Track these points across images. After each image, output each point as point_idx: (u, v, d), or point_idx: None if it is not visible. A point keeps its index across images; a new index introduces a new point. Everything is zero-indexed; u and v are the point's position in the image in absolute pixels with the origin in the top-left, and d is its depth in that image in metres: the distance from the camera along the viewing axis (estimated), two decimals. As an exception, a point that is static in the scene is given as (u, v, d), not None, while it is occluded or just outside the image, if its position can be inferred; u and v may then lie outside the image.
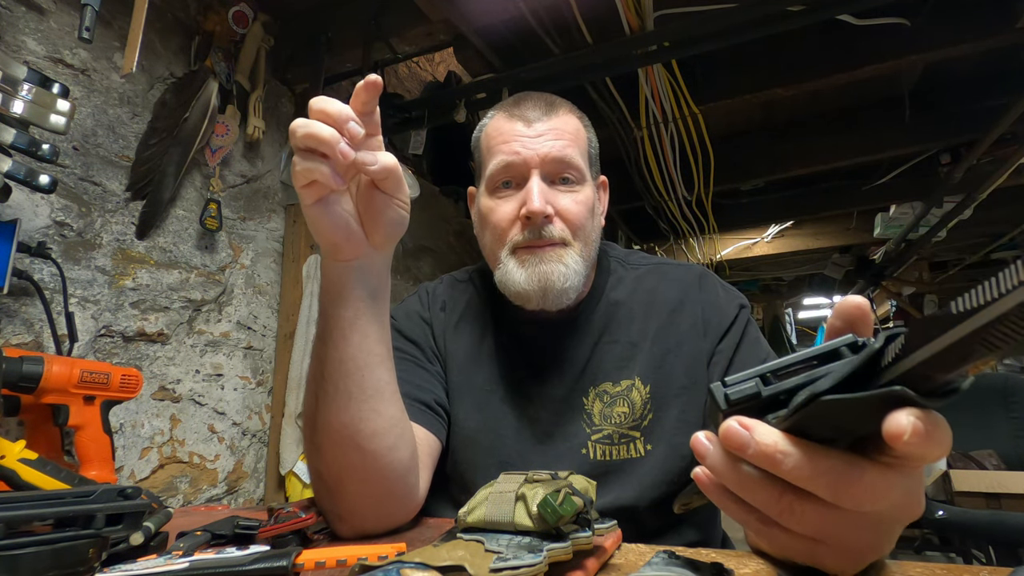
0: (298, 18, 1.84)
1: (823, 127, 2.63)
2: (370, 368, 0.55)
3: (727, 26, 1.58)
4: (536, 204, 0.68)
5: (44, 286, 1.19)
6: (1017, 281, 0.19)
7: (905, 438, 0.24)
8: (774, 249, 4.12)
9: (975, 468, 2.35)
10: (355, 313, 0.54)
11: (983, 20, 1.71)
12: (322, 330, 0.55)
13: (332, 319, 0.54)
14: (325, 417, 0.54)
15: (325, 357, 0.54)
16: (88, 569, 0.39)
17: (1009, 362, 4.91)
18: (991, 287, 0.20)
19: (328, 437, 0.55)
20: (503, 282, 0.73)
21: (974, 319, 0.21)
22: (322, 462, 0.57)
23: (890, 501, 0.28)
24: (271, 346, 1.83)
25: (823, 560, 0.31)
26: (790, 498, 0.29)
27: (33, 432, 1.03)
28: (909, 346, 0.24)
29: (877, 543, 0.31)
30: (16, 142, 1.01)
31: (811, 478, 0.28)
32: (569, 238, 0.71)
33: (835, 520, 0.29)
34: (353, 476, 0.55)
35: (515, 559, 0.35)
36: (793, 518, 0.29)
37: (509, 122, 0.73)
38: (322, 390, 0.54)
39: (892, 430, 0.24)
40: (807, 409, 0.27)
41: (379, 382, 0.56)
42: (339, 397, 0.54)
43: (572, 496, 0.42)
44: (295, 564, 0.37)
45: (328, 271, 0.54)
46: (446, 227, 2.97)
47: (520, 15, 1.72)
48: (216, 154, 1.60)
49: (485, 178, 0.75)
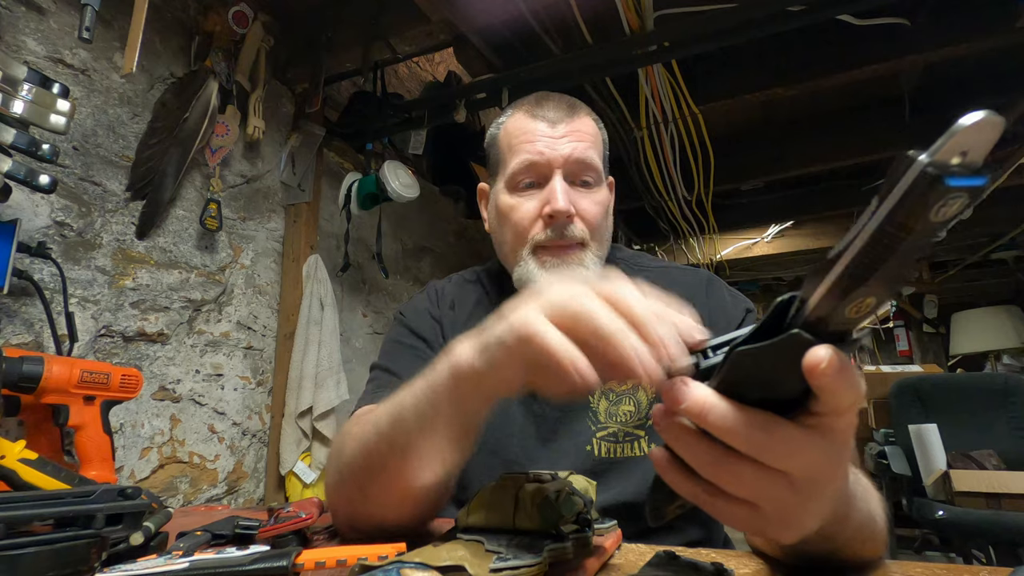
0: (298, 18, 1.84)
1: (823, 127, 2.63)
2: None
3: (727, 26, 1.58)
4: (561, 204, 0.69)
5: (44, 286, 1.19)
6: (868, 217, 0.22)
7: (822, 367, 0.26)
8: (774, 249, 4.12)
9: (975, 468, 2.35)
10: (452, 442, 0.47)
11: (983, 20, 1.71)
12: (419, 420, 0.47)
13: (435, 434, 0.46)
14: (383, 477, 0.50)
15: (405, 441, 0.48)
16: (88, 569, 0.39)
17: (1009, 362, 4.90)
18: (853, 229, 0.23)
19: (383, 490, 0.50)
20: (523, 281, 0.74)
21: (843, 259, 0.24)
22: (370, 491, 0.52)
23: (808, 460, 0.30)
24: (271, 346, 1.83)
25: (761, 526, 0.33)
26: (729, 460, 0.31)
27: (33, 432, 1.03)
28: (804, 296, 0.27)
29: (806, 507, 0.32)
30: (16, 142, 1.01)
31: (732, 430, 0.30)
32: (588, 239, 0.73)
33: (767, 482, 0.30)
34: (395, 518, 0.52)
35: (515, 559, 0.35)
36: (731, 480, 0.31)
37: (532, 121, 0.74)
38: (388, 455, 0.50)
39: (811, 360, 0.26)
40: (729, 361, 0.30)
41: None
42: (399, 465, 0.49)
43: (572, 496, 0.42)
44: (295, 564, 0.37)
45: (472, 397, 0.44)
46: (446, 227, 2.97)
47: (520, 15, 1.72)
48: (216, 154, 1.60)
49: (505, 176, 0.75)
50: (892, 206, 0.22)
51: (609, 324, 0.33)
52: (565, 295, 0.36)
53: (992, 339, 4.71)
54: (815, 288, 0.26)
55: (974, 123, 0.20)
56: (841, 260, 0.24)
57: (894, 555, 0.43)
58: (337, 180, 2.06)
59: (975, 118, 0.20)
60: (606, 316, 0.34)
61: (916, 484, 2.49)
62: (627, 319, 0.34)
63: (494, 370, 0.40)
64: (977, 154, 0.21)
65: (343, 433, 0.60)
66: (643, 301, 0.34)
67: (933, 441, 2.44)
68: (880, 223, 0.22)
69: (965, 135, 0.20)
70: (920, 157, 0.21)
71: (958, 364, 5.23)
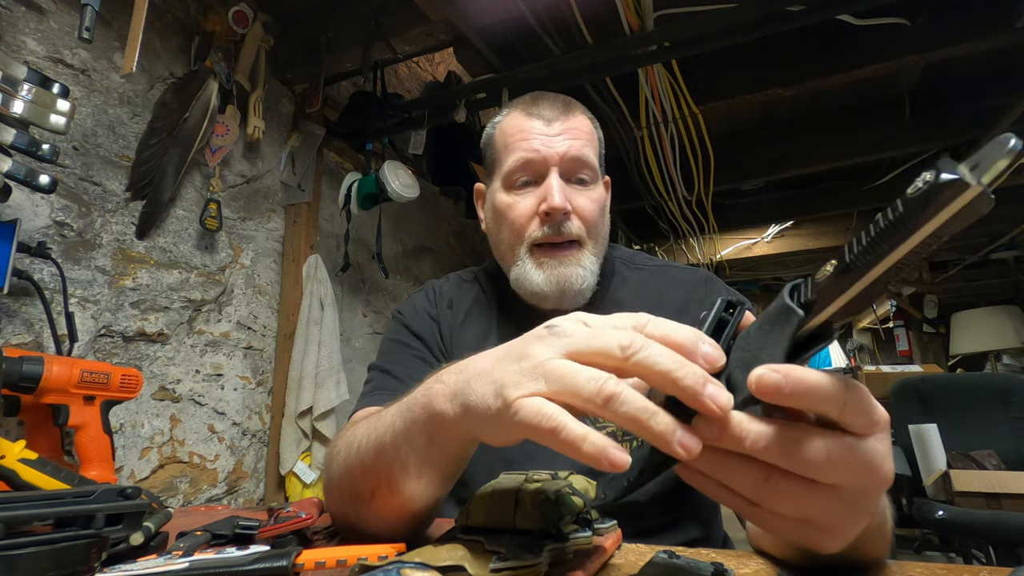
0: (298, 18, 1.84)
1: (823, 127, 2.63)
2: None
3: (727, 26, 1.58)
4: (557, 200, 0.70)
5: (44, 286, 1.19)
6: (899, 229, 0.23)
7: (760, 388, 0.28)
8: (774, 249, 4.12)
9: (975, 468, 2.35)
10: (439, 474, 0.45)
11: (983, 20, 1.71)
12: (404, 447, 0.45)
13: (418, 460, 0.45)
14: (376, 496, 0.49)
15: (392, 462, 0.46)
16: (88, 569, 0.39)
17: (1009, 362, 4.91)
18: (879, 241, 0.23)
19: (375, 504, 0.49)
20: (519, 280, 0.74)
21: (874, 270, 0.24)
22: (364, 514, 0.51)
23: (845, 463, 0.29)
24: (271, 346, 1.83)
25: (809, 537, 0.32)
26: (777, 479, 0.30)
27: (33, 432, 1.03)
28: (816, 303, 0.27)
29: (855, 516, 0.32)
30: (16, 142, 1.01)
31: (767, 448, 0.29)
32: (584, 236, 0.73)
33: (817, 496, 0.30)
34: (390, 533, 0.51)
35: (515, 559, 0.35)
36: (782, 501, 0.30)
37: (528, 120, 0.74)
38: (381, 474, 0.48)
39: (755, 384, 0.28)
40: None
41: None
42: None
43: (572, 496, 0.42)
44: (295, 564, 0.37)
45: (460, 437, 0.42)
46: (446, 227, 2.97)
47: (520, 15, 1.72)
48: (216, 154, 1.60)
49: (501, 174, 0.75)
50: (939, 225, 0.22)
51: (635, 403, 0.30)
52: (573, 370, 0.32)
53: (992, 339, 4.71)
54: (838, 294, 0.26)
55: (1014, 145, 0.20)
56: (873, 271, 0.24)
57: (894, 555, 0.43)
58: (337, 180, 2.06)
59: (1014, 141, 0.20)
60: (634, 402, 0.30)
61: (916, 484, 2.49)
62: (662, 381, 0.30)
63: (476, 427, 0.37)
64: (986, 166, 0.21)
65: (335, 441, 0.59)
66: (673, 358, 0.30)
67: (933, 441, 2.44)
68: (924, 239, 0.22)
69: (1011, 155, 0.20)
70: (973, 179, 0.21)
71: (958, 364, 5.23)
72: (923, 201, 0.21)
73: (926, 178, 0.21)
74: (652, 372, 0.30)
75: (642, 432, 0.29)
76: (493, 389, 0.35)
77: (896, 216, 0.22)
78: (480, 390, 0.36)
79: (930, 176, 0.21)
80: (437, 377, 0.43)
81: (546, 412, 0.31)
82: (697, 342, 0.31)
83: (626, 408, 0.29)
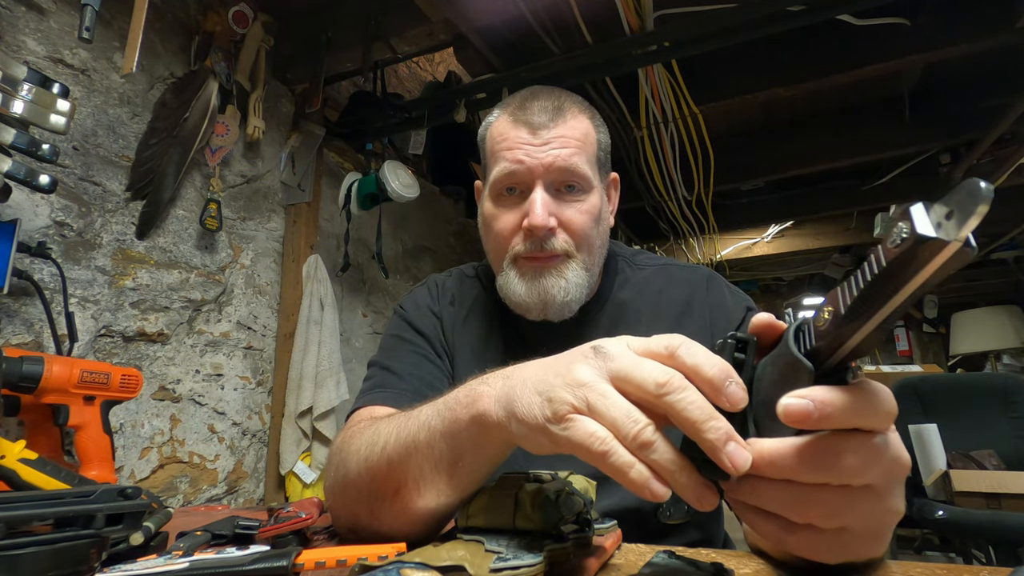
0: (298, 18, 1.84)
1: (823, 127, 2.63)
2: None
3: (727, 26, 1.58)
4: (538, 219, 0.67)
5: (44, 286, 1.19)
6: (894, 273, 0.23)
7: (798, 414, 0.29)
8: (774, 249, 4.11)
9: (975, 468, 2.35)
10: (468, 476, 0.46)
11: (983, 20, 1.71)
12: (439, 456, 0.46)
13: (454, 469, 0.46)
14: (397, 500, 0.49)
15: (422, 465, 0.47)
16: (88, 569, 0.39)
17: (1009, 362, 4.90)
18: (883, 287, 0.24)
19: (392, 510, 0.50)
20: (504, 290, 0.73)
21: (878, 315, 0.25)
22: (381, 513, 0.51)
23: (877, 460, 0.31)
24: (271, 346, 1.83)
25: (856, 548, 0.33)
26: (810, 492, 0.31)
27: (33, 432, 1.03)
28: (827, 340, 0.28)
29: (890, 511, 0.33)
30: (16, 142, 1.01)
31: (801, 468, 0.31)
32: (572, 250, 0.70)
33: (855, 498, 0.31)
34: (404, 535, 0.51)
35: (515, 559, 0.35)
36: (816, 512, 0.32)
37: (514, 128, 0.71)
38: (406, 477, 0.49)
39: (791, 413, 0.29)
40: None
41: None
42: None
43: (572, 496, 0.42)
44: (295, 564, 0.37)
45: (500, 440, 0.43)
46: (446, 227, 2.97)
47: (520, 15, 1.72)
48: (216, 154, 1.60)
49: (489, 182, 0.74)
50: (923, 281, 0.22)
51: (664, 455, 0.32)
52: (615, 404, 0.33)
53: (992, 339, 4.71)
54: (839, 343, 0.27)
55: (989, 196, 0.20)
56: (868, 324, 0.25)
57: (894, 555, 0.43)
58: (337, 180, 2.06)
59: (987, 192, 0.20)
60: (663, 453, 0.32)
61: (916, 484, 2.49)
62: (688, 428, 0.32)
63: (518, 433, 0.39)
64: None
65: (345, 440, 0.58)
66: (701, 409, 0.31)
67: (933, 441, 2.44)
68: (912, 292, 0.23)
69: (985, 203, 0.20)
70: (951, 235, 0.21)
71: (958, 364, 5.23)
72: (904, 259, 0.22)
73: (903, 231, 0.22)
74: (680, 417, 0.32)
75: (666, 482, 0.32)
76: (540, 400, 0.36)
77: (881, 272, 0.23)
78: (527, 399, 0.37)
79: (906, 229, 0.21)
80: (483, 379, 0.44)
81: (599, 436, 0.33)
82: (725, 381, 0.32)
83: (656, 457, 0.32)
